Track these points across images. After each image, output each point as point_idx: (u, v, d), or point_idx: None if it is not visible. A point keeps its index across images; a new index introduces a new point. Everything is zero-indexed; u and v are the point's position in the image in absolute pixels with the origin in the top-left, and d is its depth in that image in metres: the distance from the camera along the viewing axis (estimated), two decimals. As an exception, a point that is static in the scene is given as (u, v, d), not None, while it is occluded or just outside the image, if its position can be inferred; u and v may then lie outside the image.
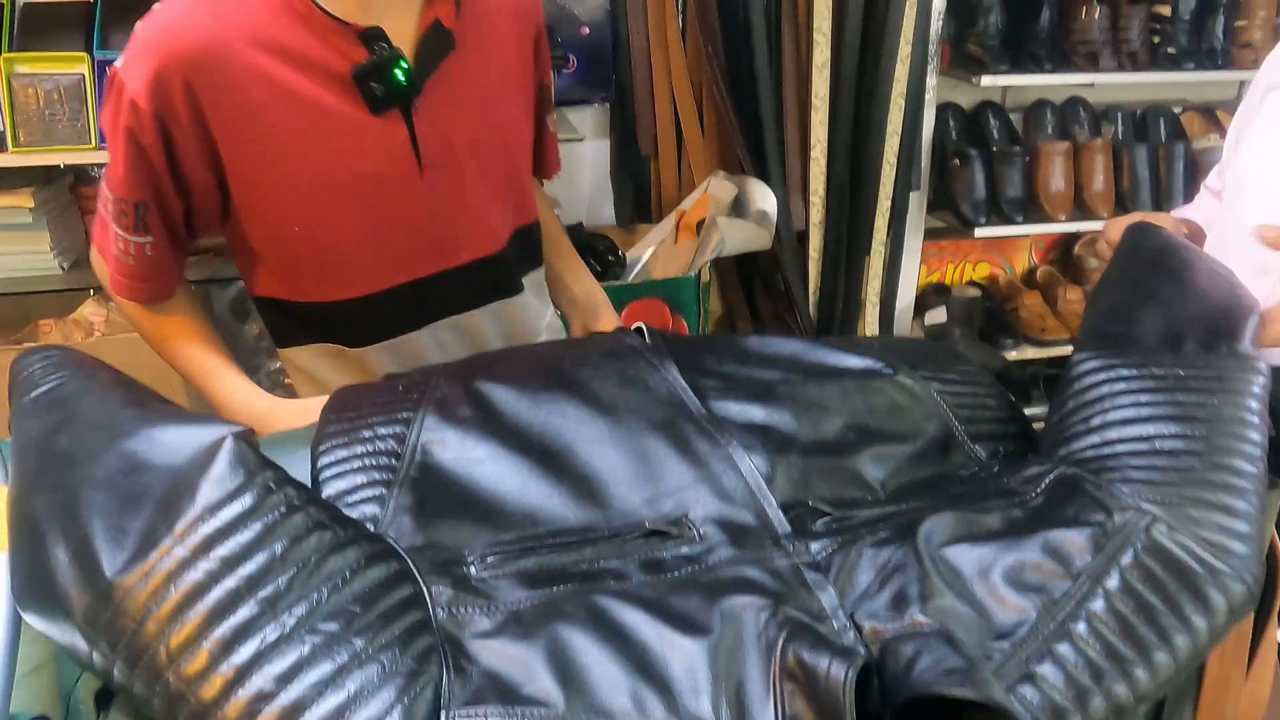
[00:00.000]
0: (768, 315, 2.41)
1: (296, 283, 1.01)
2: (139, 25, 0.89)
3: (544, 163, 1.19)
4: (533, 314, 1.16)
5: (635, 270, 2.17)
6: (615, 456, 0.71)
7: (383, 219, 0.98)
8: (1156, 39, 2.29)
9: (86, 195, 1.92)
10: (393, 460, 0.69)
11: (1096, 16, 2.21)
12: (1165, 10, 2.27)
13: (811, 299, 2.39)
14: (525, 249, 1.13)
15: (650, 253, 2.19)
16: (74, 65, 1.69)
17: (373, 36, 0.91)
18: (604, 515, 0.69)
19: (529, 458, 0.70)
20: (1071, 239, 2.62)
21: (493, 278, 1.08)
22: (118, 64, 0.89)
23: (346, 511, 0.64)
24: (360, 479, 0.67)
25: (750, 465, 0.71)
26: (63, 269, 1.84)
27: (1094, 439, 0.66)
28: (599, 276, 2.08)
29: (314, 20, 0.90)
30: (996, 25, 2.21)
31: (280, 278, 1.01)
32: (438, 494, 0.66)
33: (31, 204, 1.75)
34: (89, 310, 1.77)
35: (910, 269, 2.48)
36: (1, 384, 0.94)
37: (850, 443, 0.78)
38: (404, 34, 0.94)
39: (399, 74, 0.92)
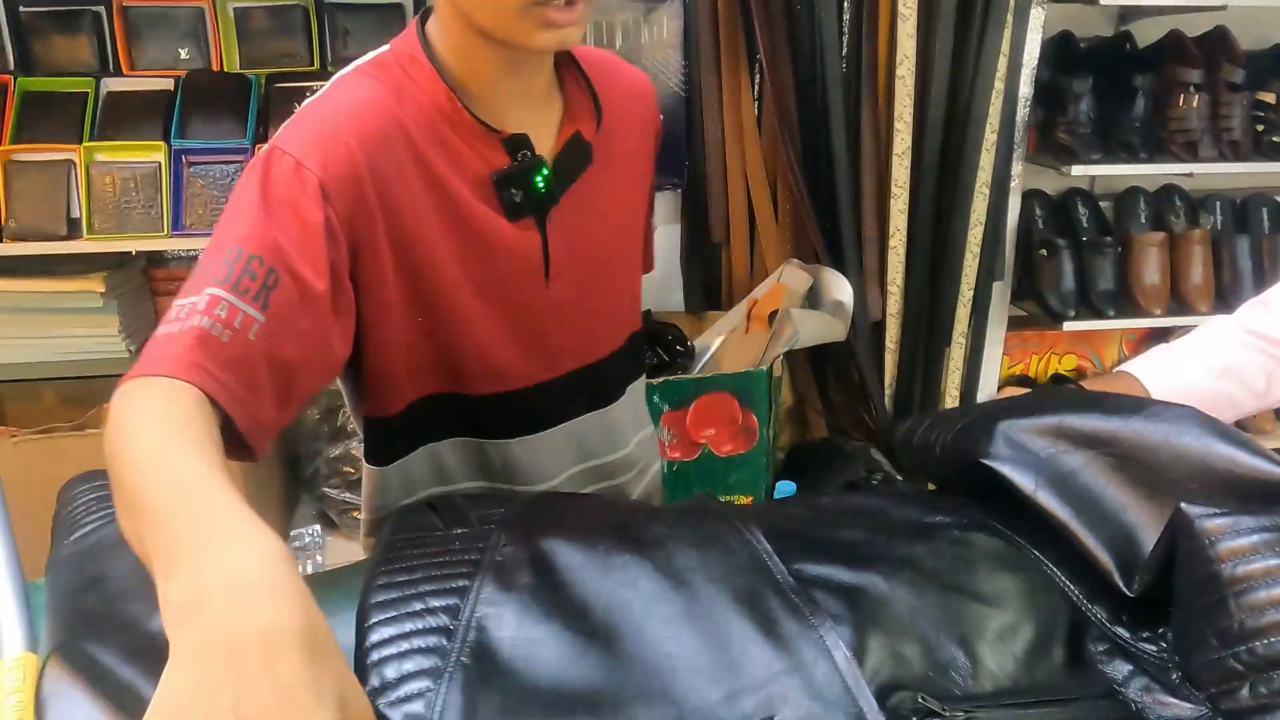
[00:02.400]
0: (840, 407, 2.31)
1: (418, 377, 0.95)
2: (316, 102, 0.85)
3: (645, 261, 1.16)
4: (626, 423, 1.12)
5: (704, 360, 2.10)
6: (691, 640, 0.63)
7: (503, 322, 0.95)
8: (1260, 127, 2.17)
9: (158, 278, 1.93)
10: (444, 640, 0.61)
11: (1195, 104, 2.11)
12: (1269, 97, 2.16)
13: (887, 391, 2.29)
14: (634, 355, 1.11)
15: (720, 342, 2.12)
16: (151, 154, 1.70)
17: (517, 143, 0.89)
18: (678, 713, 0.60)
19: (595, 642, 0.62)
20: (1167, 332, 2.47)
21: (593, 387, 1.05)
22: (280, 143, 0.80)
23: (390, 712, 0.56)
24: (408, 666, 0.60)
25: (845, 654, 0.62)
26: (130, 352, 1.84)
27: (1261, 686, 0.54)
28: (666, 368, 2.03)
29: (461, 123, 0.87)
30: (1088, 114, 2.11)
31: (400, 380, 0.94)
32: (491, 689, 0.59)
33: (103, 288, 1.75)
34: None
35: (992, 361, 2.37)
36: (56, 472, 0.90)
37: (952, 607, 0.68)
38: (543, 146, 0.92)
39: (539, 181, 0.90)
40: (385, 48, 0.90)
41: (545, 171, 0.90)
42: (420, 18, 0.90)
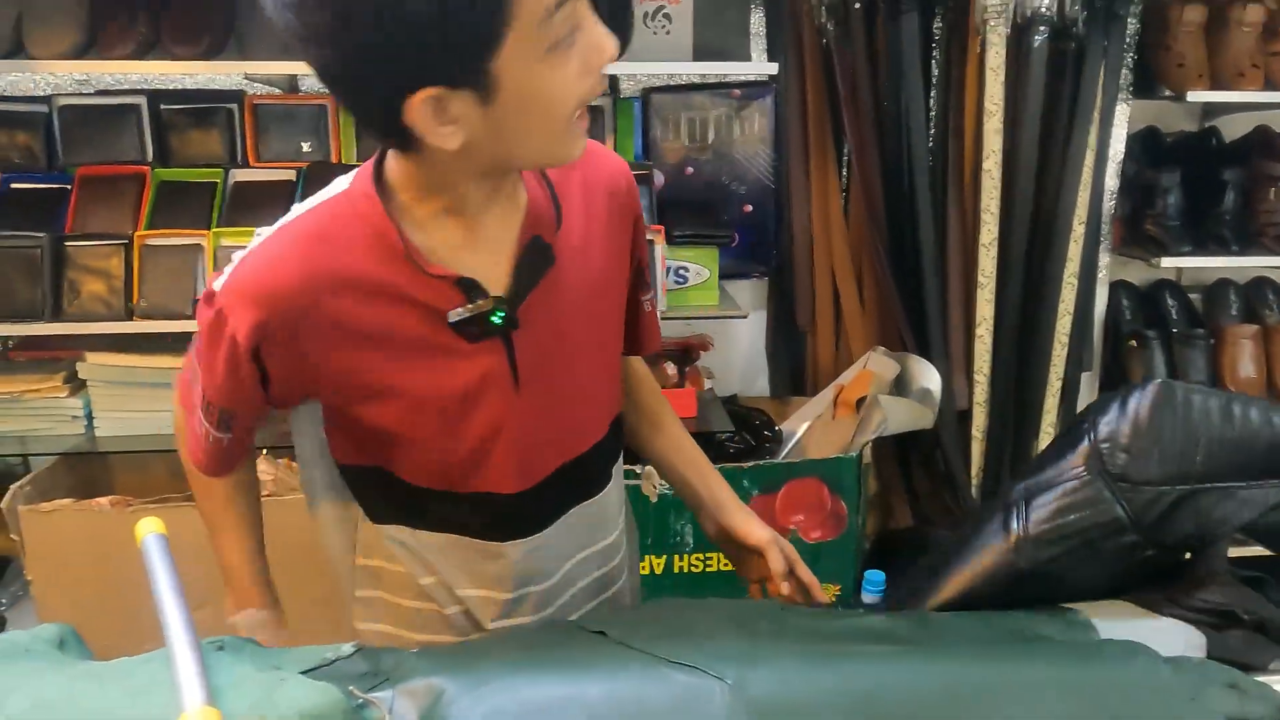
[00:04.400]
0: (926, 496, 2.29)
1: (396, 465, 0.99)
2: (241, 262, 0.88)
3: (643, 340, 1.15)
4: (613, 505, 1.12)
5: (790, 446, 2.11)
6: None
7: (475, 430, 0.96)
8: (1354, 220, 2.15)
9: (268, 356, 2.02)
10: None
11: (1287, 197, 2.11)
12: (1362, 191, 2.15)
13: (974, 481, 2.26)
14: (615, 438, 1.10)
15: (806, 428, 2.12)
16: (273, 239, 1.80)
17: (469, 286, 0.89)
18: None
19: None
20: (1262, 426, 2.42)
21: (580, 480, 1.05)
22: (217, 285, 0.88)
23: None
24: None
25: None
26: (239, 426, 1.91)
27: None
28: (753, 451, 2.04)
29: (408, 266, 0.88)
30: (1176, 206, 2.12)
31: (376, 456, 0.99)
32: None
33: (220, 365, 1.84)
34: (260, 467, 1.82)
35: (1081, 452, 2.33)
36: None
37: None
38: (504, 252, 0.92)
39: (495, 319, 0.90)
40: (346, 182, 0.90)
41: (501, 313, 0.90)
42: (379, 154, 0.90)
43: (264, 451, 1.87)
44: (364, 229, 0.86)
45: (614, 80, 2.06)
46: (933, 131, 2.09)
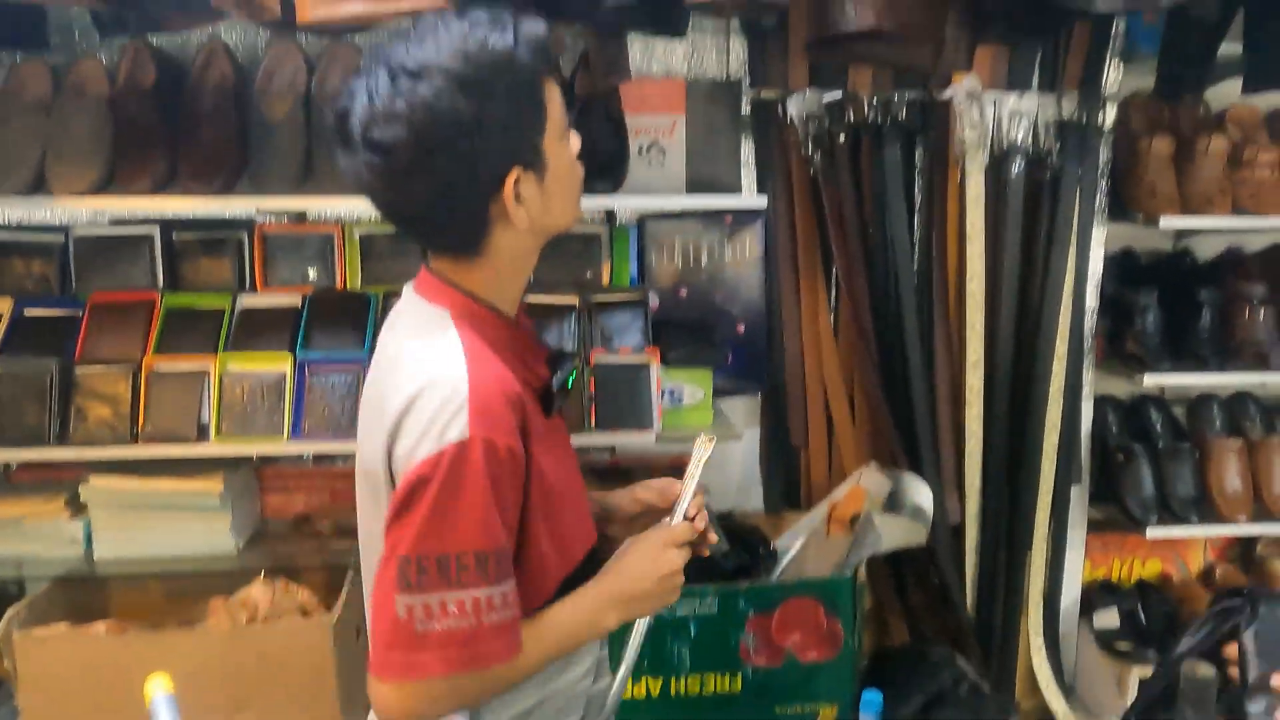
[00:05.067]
0: (921, 610, 2.29)
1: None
2: (471, 393, 0.93)
3: None
4: None
5: (785, 562, 2.11)
6: None
7: (579, 486, 1.11)
8: (1329, 336, 2.22)
9: (267, 476, 2.04)
10: None
11: (1261, 317, 2.17)
12: (1335, 312, 2.22)
13: (969, 596, 2.26)
14: None
15: (800, 544, 2.14)
16: (278, 364, 1.84)
17: (554, 358, 1.06)
18: None
19: None
20: (1253, 541, 2.44)
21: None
22: (458, 434, 0.91)
23: None
24: None
25: None
26: (238, 548, 1.92)
27: None
28: (748, 570, 2.05)
29: (525, 349, 1.05)
30: (1155, 323, 2.19)
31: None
32: None
33: (221, 488, 1.86)
34: (256, 591, 1.82)
35: (1074, 565, 2.35)
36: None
37: None
38: None
39: (569, 382, 1.06)
40: (430, 308, 1.02)
41: (575, 372, 1.08)
42: (428, 268, 1.05)
43: (263, 574, 1.88)
44: (492, 335, 1.00)
45: (610, 211, 2.14)
46: (917, 255, 2.17)
